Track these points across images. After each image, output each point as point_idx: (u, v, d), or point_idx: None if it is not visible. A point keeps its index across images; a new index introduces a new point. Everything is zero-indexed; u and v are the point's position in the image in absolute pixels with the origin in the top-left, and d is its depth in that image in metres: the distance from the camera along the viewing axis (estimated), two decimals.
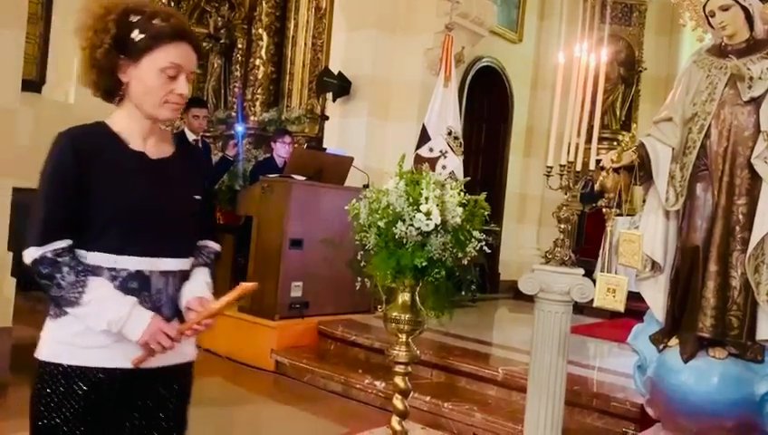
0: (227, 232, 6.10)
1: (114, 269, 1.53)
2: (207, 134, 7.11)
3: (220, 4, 8.45)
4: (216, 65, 8.46)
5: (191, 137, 5.59)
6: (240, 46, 7.92)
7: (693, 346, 2.58)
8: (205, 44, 8.02)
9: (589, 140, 2.89)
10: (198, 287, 1.65)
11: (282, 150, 6.02)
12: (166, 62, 1.56)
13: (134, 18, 1.55)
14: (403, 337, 2.85)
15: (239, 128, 7.18)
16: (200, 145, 5.81)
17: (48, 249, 1.48)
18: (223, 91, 8.44)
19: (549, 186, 3.02)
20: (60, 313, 1.54)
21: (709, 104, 2.62)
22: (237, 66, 7.90)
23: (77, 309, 1.49)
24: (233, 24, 8.29)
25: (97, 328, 1.50)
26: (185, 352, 1.66)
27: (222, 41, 8.40)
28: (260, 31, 7.81)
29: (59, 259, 1.49)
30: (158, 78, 1.56)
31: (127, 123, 1.61)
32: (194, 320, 1.57)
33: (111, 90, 1.60)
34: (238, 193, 6.44)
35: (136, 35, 1.54)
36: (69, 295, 1.48)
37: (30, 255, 1.49)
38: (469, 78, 7.16)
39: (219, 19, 8.45)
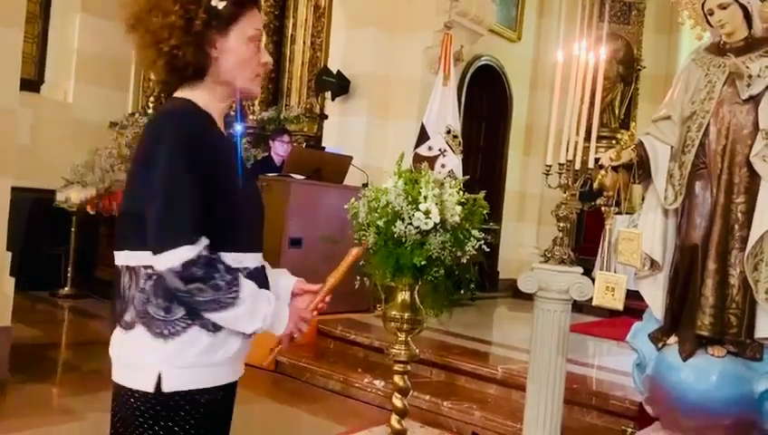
0: None
1: (238, 269, 1.36)
2: None
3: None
4: None
5: None
6: None
7: (692, 344, 2.59)
8: None
9: (587, 139, 2.89)
10: (286, 274, 1.58)
11: (280, 149, 6.02)
12: (252, 29, 1.42)
13: None
14: (402, 336, 2.85)
15: (237, 127, 7.17)
16: None
17: (201, 247, 1.27)
18: None
19: (548, 184, 3.02)
20: (173, 331, 1.31)
21: (708, 102, 2.61)
22: None
23: (230, 312, 1.30)
24: None
25: (248, 329, 1.35)
26: None
27: None
28: None
29: (213, 257, 1.29)
30: (248, 48, 1.42)
31: (209, 104, 1.43)
32: (320, 297, 1.50)
33: (201, 67, 1.40)
34: None
35: (218, 3, 1.37)
36: (226, 297, 1.29)
37: (182, 256, 1.25)
38: (468, 76, 7.16)
39: None
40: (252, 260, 1.42)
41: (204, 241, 1.29)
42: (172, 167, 1.28)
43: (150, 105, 7.85)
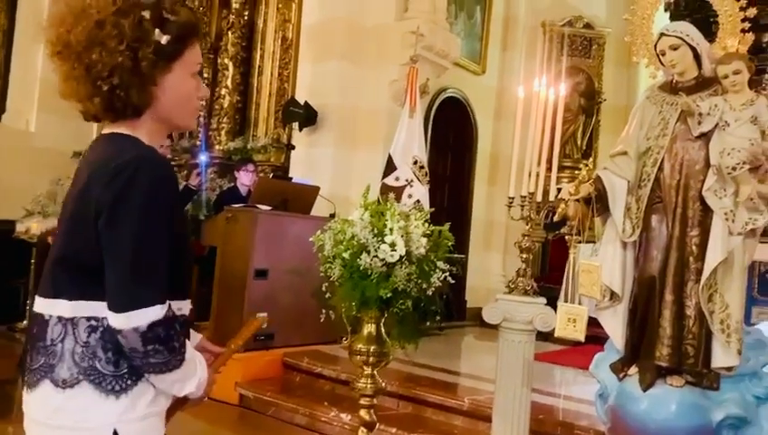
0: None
1: (177, 317, 1.28)
2: (173, 162, 7.07)
3: None
4: None
5: None
6: (206, 75, 7.92)
7: (651, 375, 2.63)
8: None
9: (549, 170, 2.96)
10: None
11: (245, 179, 6.02)
12: (195, 64, 1.35)
13: (146, 13, 1.26)
14: (368, 369, 2.83)
15: (202, 157, 7.15)
16: None
17: (167, 306, 1.23)
18: None
19: (511, 216, 3.08)
20: (124, 386, 1.24)
21: (662, 139, 2.71)
22: None
23: (173, 374, 1.25)
24: None
25: (181, 392, 1.30)
26: None
27: None
28: (226, 61, 7.83)
29: (171, 316, 1.24)
30: (190, 83, 1.35)
31: (152, 141, 1.35)
32: (221, 361, 1.48)
33: (143, 107, 1.31)
34: (202, 223, 6.38)
35: (161, 37, 1.27)
36: (175, 359, 1.24)
37: (151, 316, 1.19)
38: (434, 108, 7.27)
39: None
40: (186, 306, 1.37)
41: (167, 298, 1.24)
42: (148, 219, 1.21)
43: None
